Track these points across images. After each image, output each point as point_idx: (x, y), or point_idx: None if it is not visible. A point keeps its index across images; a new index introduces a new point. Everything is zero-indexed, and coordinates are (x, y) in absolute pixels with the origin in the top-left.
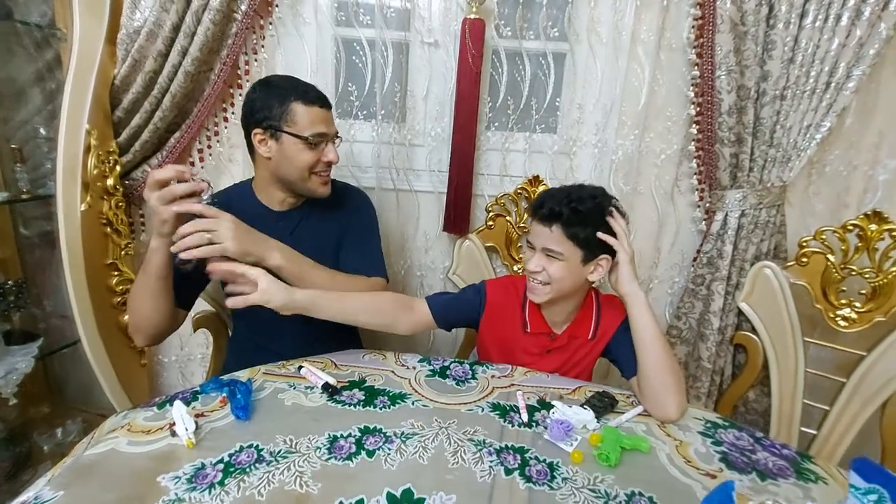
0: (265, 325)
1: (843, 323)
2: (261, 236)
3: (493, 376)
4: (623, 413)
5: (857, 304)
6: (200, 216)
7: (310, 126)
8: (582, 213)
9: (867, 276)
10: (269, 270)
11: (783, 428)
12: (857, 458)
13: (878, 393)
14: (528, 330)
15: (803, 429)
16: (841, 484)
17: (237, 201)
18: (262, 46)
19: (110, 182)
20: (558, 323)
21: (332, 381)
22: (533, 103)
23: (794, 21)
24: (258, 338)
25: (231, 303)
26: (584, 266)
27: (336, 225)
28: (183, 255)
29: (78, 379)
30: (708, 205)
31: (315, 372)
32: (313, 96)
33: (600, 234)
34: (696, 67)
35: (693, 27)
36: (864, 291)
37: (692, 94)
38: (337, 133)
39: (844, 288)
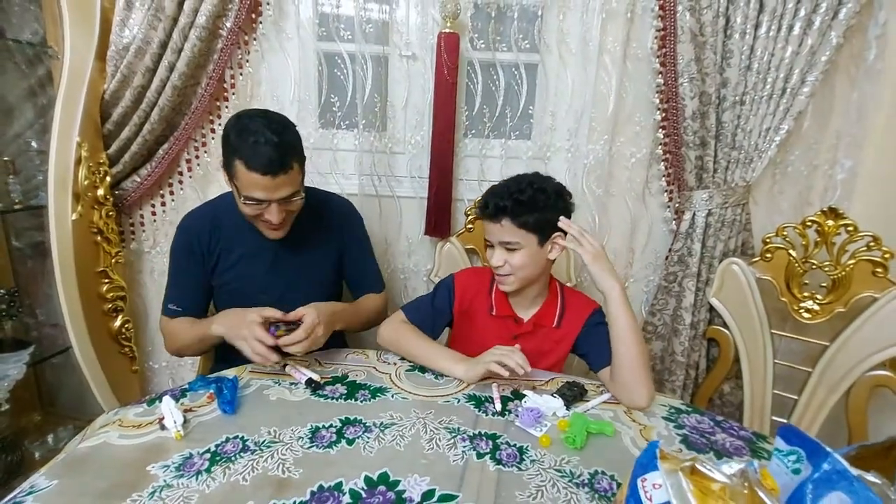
0: None
1: (806, 315)
2: (332, 319)
3: None
4: (590, 401)
5: (819, 297)
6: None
7: (247, 188)
8: (524, 202)
9: (826, 269)
10: None
11: (755, 418)
12: (783, 426)
13: (842, 381)
14: (494, 313)
15: (775, 417)
16: None
17: (225, 216)
18: (248, 61)
19: (101, 192)
20: (523, 310)
21: (315, 376)
22: (507, 111)
23: (750, 31)
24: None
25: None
26: (542, 248)
27: (329, 239)
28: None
29: (69, 387)
30: (677, 205)
31: (299, 369)
32: (257, 162)
33: (560, 241)
34: (660, 75)
35: (656, 38)
36: (824, 284)
37: (658, 101)
38: (292, 195)
39: (807, 281)
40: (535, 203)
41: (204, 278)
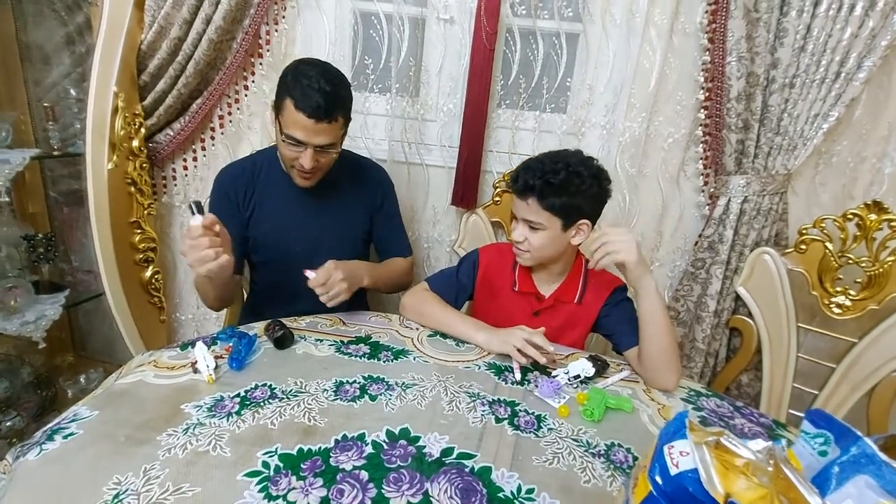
0: (281, 290)
1: (837, 310)
2: (356, 272)
3: None
4: (609, 378)
5: (852, 292)
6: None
7: (290, 126)
8: (554, 185)
9: (864, 264)
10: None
11: (772, 410)
12: (811, 409)
13: (867, 379)
14: (517, 289)
15: (791, 411)
16: None
17: (264, 170)
18: (283, 17)
19: (136, 143)
20: (546, 285)
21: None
22: (544, 83)
23: (808, 9)
24: (273, 301)
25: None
26: (565, 232)
27: (362, 200)
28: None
29: (100, 332)
30: (712, 190)
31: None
32: (306, 104)
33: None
34: (707, 52)
35: (706, 12)
36: (859, 280)
37: (702, 79)
38: (329, 145)
39: (841, 276)
40: (566, 187)
41: (239, 228)
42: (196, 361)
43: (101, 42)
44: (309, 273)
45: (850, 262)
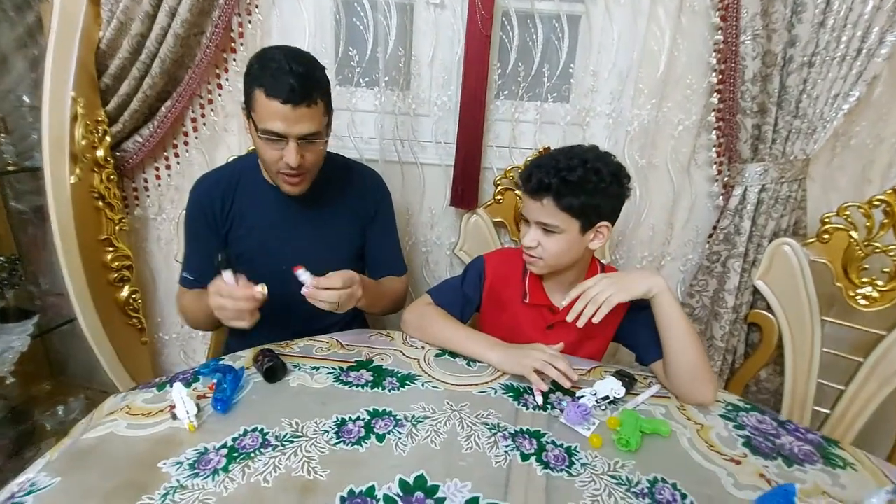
0: (267, 311)
1: (863, 302)
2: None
3: None
4: (639, 394)
5: (880, 283)
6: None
7: (265, 119)
8: (572, 183)
9: (892, 254)
10: None
11: (796, 407)
12: None
13: None
14: (528, 301)
15: (816, 408)
16: (869, 469)
17: (244, 180)
18: (257, 7)
19: (100, 153)
20: (559, 295)
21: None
22: (545, 70)
23: None
24: (260, 323)
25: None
26: (584, 236)
27: (354, 211)
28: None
29: (78, 356)
30: (726, 178)
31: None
32: (278, 89)
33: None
34: (719, 31)
35: None
36: (887, 269)
37: (714, 61)
38: (312, 134)
39: (867, 266)
40: (584, 185)
41: (218, 244)
42: (174, 406)
43: (54, 42)
44: (304, 275)
45: (878, 250)
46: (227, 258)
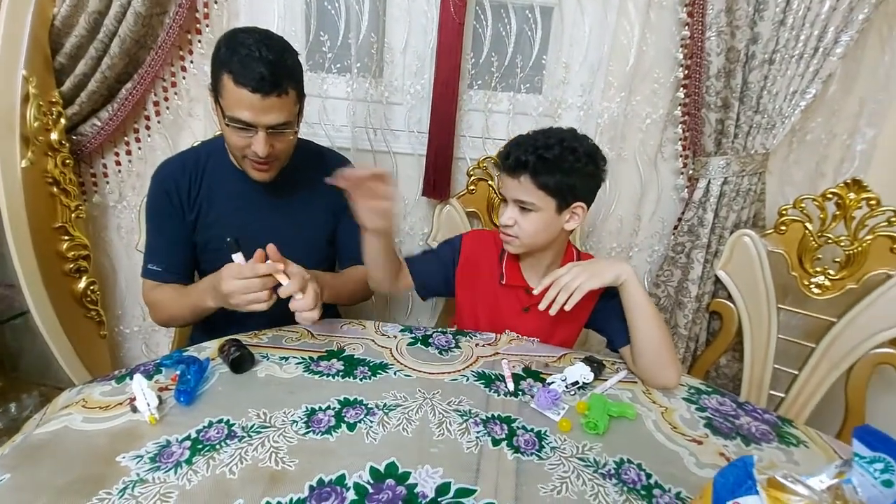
0: None
1: (816, 290)
2: (319, 278)
3: (477, 345)
4: (607, 379)
5: (831, 272)
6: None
7: (233, 107)
8: (549, 161)
9: (843, 244)
10: None
11: (753, 391)
12: (858, 427)
13: (846, 358)
14: (504, 282)
15: (772, 392)
16: (820, 446)
17: (211, 164)
18: None
19: (54, 136)
20: (535, 277)
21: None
22: (518, 61)
23: None
24: (227, 315)
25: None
26: (560, 215)
27: (326, 199)
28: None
29: (32, 351)
30: (691, 172)
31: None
32: (247, 77)
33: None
34: (686, 27)
35: None
36: (838, 259)
37: (681, 56)
38: (283, 124)
39: (820, 256)
40: (561, 163)
41: (185, 232)
42: (134, 398)
43: (4, 17)
44: (237, 257)
45: (830, 241)
46: (237, 241)
